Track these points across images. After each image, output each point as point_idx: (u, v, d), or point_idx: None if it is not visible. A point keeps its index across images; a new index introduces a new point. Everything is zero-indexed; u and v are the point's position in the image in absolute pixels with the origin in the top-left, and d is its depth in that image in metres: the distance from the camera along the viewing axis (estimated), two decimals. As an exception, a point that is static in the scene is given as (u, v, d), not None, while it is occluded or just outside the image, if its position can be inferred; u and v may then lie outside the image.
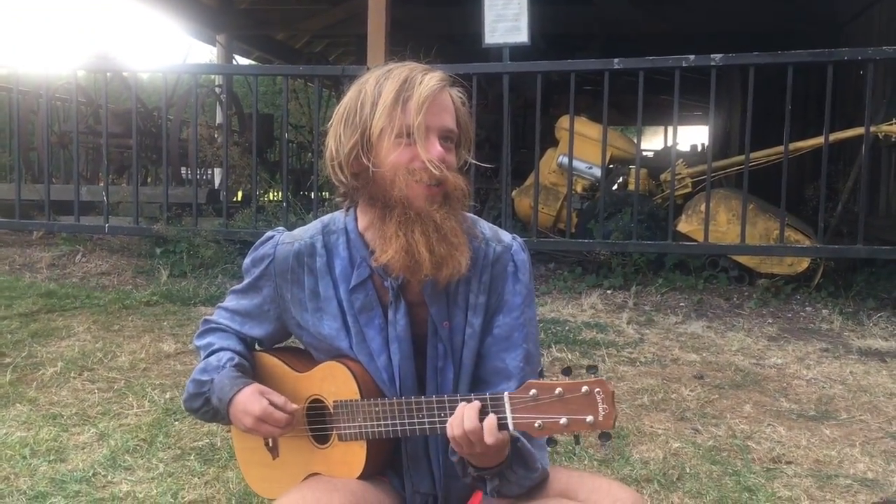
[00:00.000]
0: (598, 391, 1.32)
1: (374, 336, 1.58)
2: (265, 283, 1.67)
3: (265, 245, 1.68)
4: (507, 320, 1.60)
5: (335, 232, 1.62)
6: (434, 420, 1.46)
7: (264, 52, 12.52)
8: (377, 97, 1.47)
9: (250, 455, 1.74)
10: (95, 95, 7.65)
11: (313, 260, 1.62)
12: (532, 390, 1.35)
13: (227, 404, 1.57)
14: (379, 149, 1.48)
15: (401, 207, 1.47)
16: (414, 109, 1.45)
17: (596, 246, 5.20)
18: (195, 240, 5.46)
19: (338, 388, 1.58)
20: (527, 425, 1.35)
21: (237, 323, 1.72)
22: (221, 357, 1.65)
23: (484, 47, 5.60)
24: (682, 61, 4.85)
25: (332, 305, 1.60)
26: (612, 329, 4.37)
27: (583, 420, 1.32)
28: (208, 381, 1.61)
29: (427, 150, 1.46)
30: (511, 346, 1.60)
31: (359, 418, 1.54)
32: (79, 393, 3.32)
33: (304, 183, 8.64)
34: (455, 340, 1.58)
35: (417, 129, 1.45)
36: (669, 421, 3.14)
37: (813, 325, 4.55)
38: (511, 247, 1.63)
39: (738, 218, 5.01)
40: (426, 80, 1.47)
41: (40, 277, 5.22)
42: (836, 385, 3.60)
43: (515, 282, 1.61)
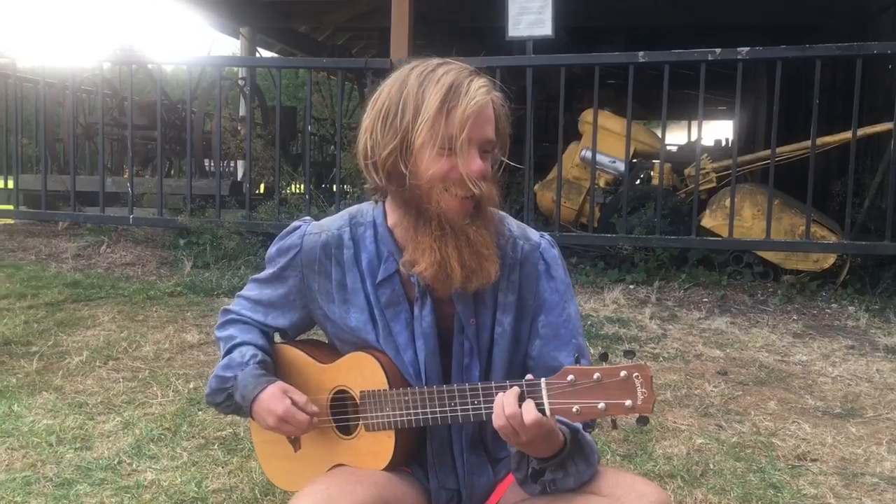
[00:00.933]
0: (636, 375, 1.32)
1: (400, 330, 1.58)
2: (291, 274, 1.66)
3: (292, 235, 1.68)
4: (551, 318, 1.60)
5: (362, 224, 1.62)
6: (467, 408, 1.46)
7: (287, 44, 12.55)
8: (420, 103, 1.43)
9: (271, 448, 1.73)
10: (121, 88, 7.72)
11: (340, 251, 1.62)
12: (570, 376, 1.36)
13: (250, 402, 1.57)
14: (419, 158, 1.45)
15: (437, 221, 1.46)
16: (458, 122, 1.41)
17: (619, 240, 5.17)
18: (218, 231, 5.49)
19: (365, 379, 1.58)
20: (564, 410, 1.36)
21: (260, 313, 1.71)
22: (245, 353, 1.64)
23: (508, 40, 5.58)
24: (708, 55, 4.81)
25: (359, 298, 1.60)
26: (634, 324, 4.34)
27: (621, 404, 1.32)
28: (231, 378, 1.61)
29: (467, 165, 1.43)
30: (561, 344, 1.60)
31: (387, 408, 1.54)
32: (104, 382, 3.35)
33: (327, 176, 8.65)
34: (482, 338, 1.58)
35: (460, 144, 1.42)
36: (693, 417, 3.12)
37: (839, 323, 4.50)
38: (539, 245, 1.62)
39: (763, 213, 4.96)
40: (472, 90, 1.43)
41: (66, 267, 5.27)
42: (862, 383, 3.56)
43: (549, 279, 1.61)
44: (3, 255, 5.55)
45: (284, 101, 10.24)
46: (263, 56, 11.45)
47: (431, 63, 1.48)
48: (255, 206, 6.00)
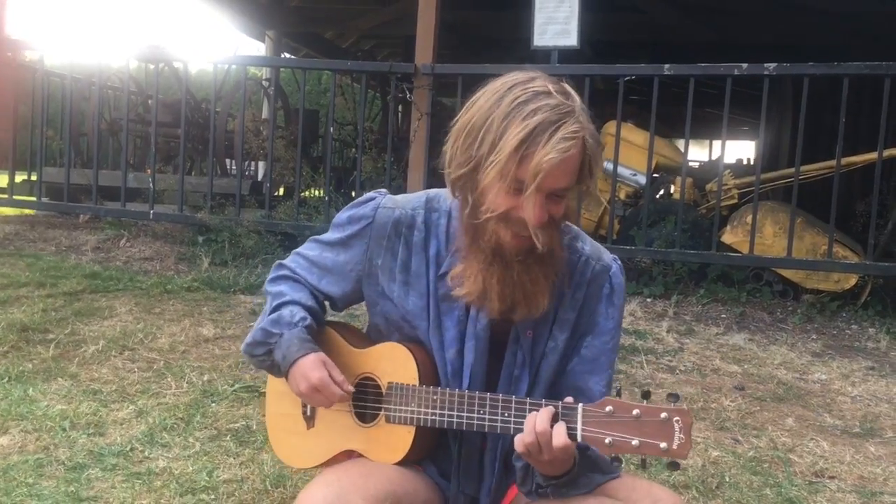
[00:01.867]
0: (677, 420, 1.30)
1: (449, 327, 1.56)
2: (357, 243, 1.63)
3: (366, 205, 1.64)
4: (597, 343, 1.58)
5: (437, 211, 1.60)
6: (496, 419, 1.45)
7: (312, 49, 12.62)
8: (500, 136, 1.37)
9: (283, 421, 1.72)
10: (146, 85, 7.78)
11: (411, 233, 1.59)
12: (608, 406, 1.34)
13: (289, 363, 1.55)
14: (484, 192, 1.42)
15: (488, 252, 1.44)
16: (531, 171, 1.35)
17: (638, 253, 5.13)
18: (237, 230, 5.51)
19: (395, 370, 1.56)
20: (597, 440, 1.34)
21: (314, 276, 1.67)
22: (295, 314, 1.60)
23: (533, 49, 5.58)
24: (735, 69, 4.78)
25: (421, 283, 1.58)
26: (651, 336, 4.31)
27: (656, 445, 1.30)
28: (277, 335, 1.59)
29: (531, 213, 1.38)
30: (596, 370, 1.58)
31: (413, 403, 1.52)
32: (119, 371, 3.36)
33: (346, 179, 8.67)
34: (536, 351, 1.56)
35: (527, 189, 1.37)
36: (709, 430, 3.09)
37: (859, 343, 4.44)
38: (610, 268, 1.60)
39: (784, 231, 4.92)
40: (552, 142, 1.35)
41: (85, 259, 5.30)
42: (881, 403, 3.51)
43: (609, 305, 1.59)
44: (24, 245, 5.59)
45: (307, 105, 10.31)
46: (288, 57, 11.52)
47: (531, 88, 1.40)
48: (274, 206, 6.02)
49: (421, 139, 5.50)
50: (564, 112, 1.38)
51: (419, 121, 5.49)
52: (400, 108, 9.19)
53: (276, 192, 7.39)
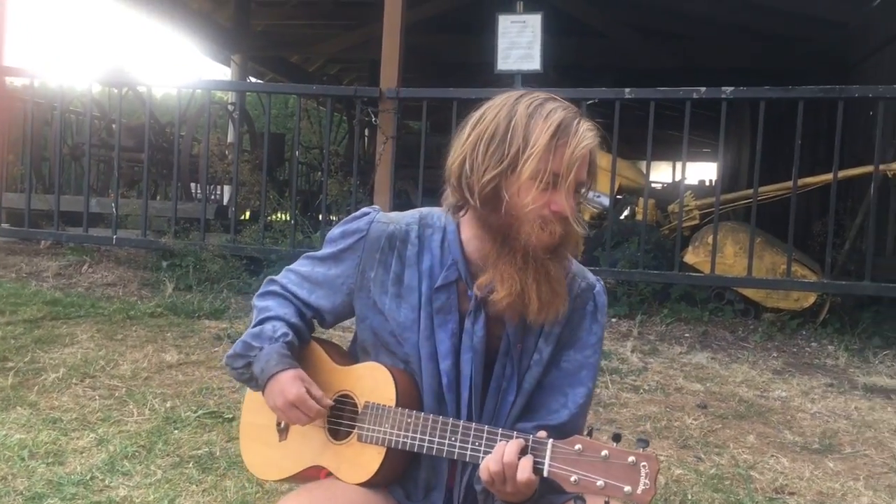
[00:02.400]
0: (644, 465, 1.32)
1: (444, 339, 1.56)
2: (349, 257, 1.65)
3: (360, 220, 1.67)
4: (579, 357, 1.60)
5: (431, 227, 1.62)
6: (466, 447, 1.45)
7: (278, 73, 12.64)
8: (530, 133, 1.43)
9: (256, 431, 1.71)
10: (109, 109, 7.72)
11: (405, 247, 1.61)
12: (578, 445, 1.36)
13: (267, 378, 1.56)
14: (522, 188, 1.44)
15: (522, 252, 1.46)
16: (567, 162, 1.43)
17: (602, 274, 5.16)
18: (202, 254, 5.47)
19: (374, 390, 1.57)
20: (562, 477, 1.35)
21: (305, 290, 1.68)
22: (277, 329, 1.62)
23: (496, 73, 5.65)
24: (693, 93, 4.88)
25: (413, 296, 1.59)
26: (615, 356, 4.35)
27: (620, 488, 1.31)
28: (257, 348, 1.60)
29: (565, 204, 1.44)
30: (576, 383, 1.59)
31: (386, 424, 1.53)
32: (80, 399, 3.32)
33: (313, 203, 8.66)
34: (522, 364, 1.58)
35: (563, 180, 1.43)
36: (672, 448, 3.12)
37: (818, 361, 4.52)
38: (594, 286, 1.64)
39: (745, 251, 5.00)
40: (581, 131, 1.45)
41: (46, 286, 5.23)
42: (840, 420, 3.57)
43: (593, 322, 1.62)
44: (-18, 271, 5.50)
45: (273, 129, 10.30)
46: (253, 81, 11.51)
47: (539, 96, 1.49)
48: (239, 230, 5.99)
49: (386, 162, 5.53)
50: (577, 112, 1.50)
51: (385, 144, 5.52)
52: (366, 131, 9.22)
53: (241, 217, 7.36)
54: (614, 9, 9.35)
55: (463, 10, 9.53)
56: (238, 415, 3.14)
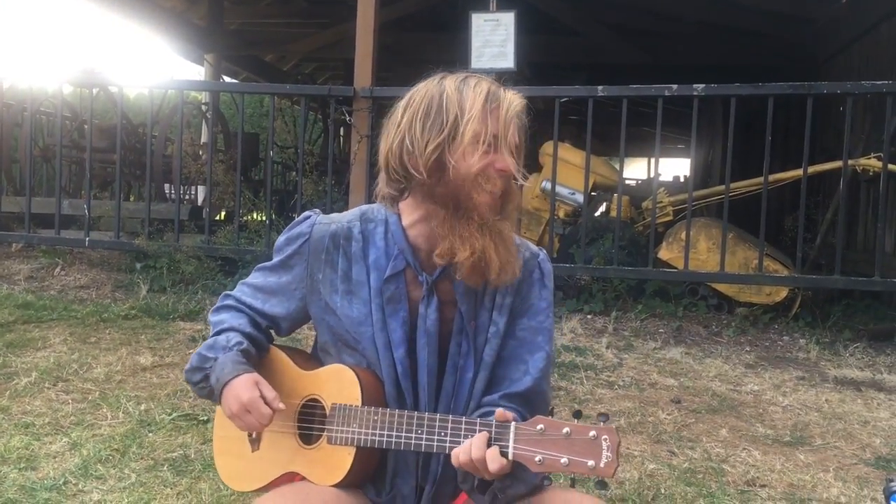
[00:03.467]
0: (605, 438, 1.33)
1: (396, 328, 1.59)
2: (297, 262, 1.67)
3: (302, 224, 1.69)
4: (532, 324, 1.64)
5: (373, 221, 1.65)
6: (432, 439, 1.47)
7: (252, 73, 12.56)
8: (464, 101, 1.51)
9: (229, 444, 1.71)
10: (81, 110, 7.65)
11: (349, 244, 1.64)
12: (540, 425, 1.37)
13: (222, 386, 1.56)
14: (466, 152, 1.51)
15: (476, 213, 1.52)
16: (502, 121, 1.51)
17: (577, 271, 5.22)
18: (176, 255, 5.43)
19: (340, 391, 1.57)
20: (527, 458, 1.37)
21: (259, 300, 1.70)
22: (231, 338, 1.63)
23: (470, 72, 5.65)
24: (665, 90, 4.91)
25: (363, 291, 1.61)
26: (591, 353, 4.38)
27: (584, 463, 1.33)
28: (212, 359, 1.61)
29: (510, 160, 1.53)
30: (535, 348, 1.64)
31: (354, 424, 1.53)
32: (52, 403, 3.29)
33: (288, 203, 8.62)
34: (478, 340, 1.61)
35: (501, 140, 1.51)
36: (646, 443, 3.15)
37: (790, 354, 4.58)
38: (538, 255, 1.70)
39: (717, 246, 5.06)
40: (510, 95, 1.54)
41: (18, 289, 5.17)
42: (811, 412, 3.62)
43: (542, 288, 1.67)
44: (-48, 275, 5.43)
45: (248, 129, 10.23)
46: (227, 81, 11.43)
47: (460, 74, 1.56)
48: (214, 231, 5.96)
49: (361, 161, 5.52)
50: (499, 83, 1.57)
51: (359, 143, 5.51)
52: (341, 130, 9.20)
53: (216, 217, 7.31)
54: (587, 6, 9.39)
55: (437, 9, 9.52)
56: (212, 416, 3.12)
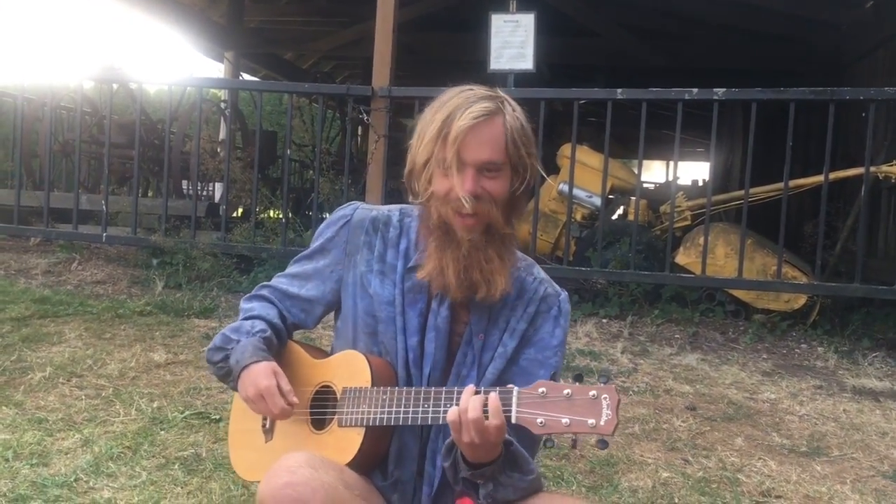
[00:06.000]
0: (605, 397, 1.35)
1: (412, 317, 1.63)
2: (335, 246, 1.73)
3: (344, 208, 1.77)
4: (538, 357, 1.66)
5: (410, 216, 1.72)
6: (438, 410, 1.49)
7: (271, 70, 12.59)
8: (426, 128, 1.57)
9: (243, 437, 1.76)
10: (100, 106, 7.68)
11: (387, 229, 1.70)
12: (541, 388, 1.40)
13: (241, 368, 1.61)
14: (422, 178, 1.58)
15: (439, 232, 1.57)
16: (449, 144, 1.52)
17: (593, 274, 5.19)
18: (192, 252, 5.45)
19: (351, 375, 1.61)
20: (530, 421, 1.39)
21: (296, 286, 1.75)
22: (255, 325, 1.69)
23: (489, 73, 5.63)
24: (685, 94, 4.87)
25: (394, 273, 1.67)
26: (605, 357, 4.35)
27: (584, 422, 1.35)
28: (234, 341, 1.67)
29: (461, 184, 1.52)
30: (532, 381, 1.60)
31: (364, 405, 1.56)
32: (66, 399, 3.30)
33: (305, 201, 8.64)
34: (485, 356, 1.64)
35: (453, 164, 1.52)
36: (660, 451, 3.12)
37: (808, 363, 4.53)
38: (560, 294, 1.73)
39: (736, 252, 5.00)
40: (465, 115, 1.52)
41: (35, 283, 5.20)
42: (828, 422, 3.57)
43: (556, 326, 1.69)
44: (-29, 268, 5.47)
45: (266, 126, 10.25)
46: (246, 79, 11.46)
47: (460, 89, 1.59)
48: (230, 228, 5.97)
49: (378, 161, 5.51)
50: (480, 97, 1.56)
51: (377, 143, 5.50)
52: (359, 129, 9.20)
53: (233, 214, 7.33)
54: (607, 8, 9.34)
55: (456, 9, 9.49)
56: (224, 415, 3.13)
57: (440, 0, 9.51)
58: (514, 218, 1.64)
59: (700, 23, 9.31)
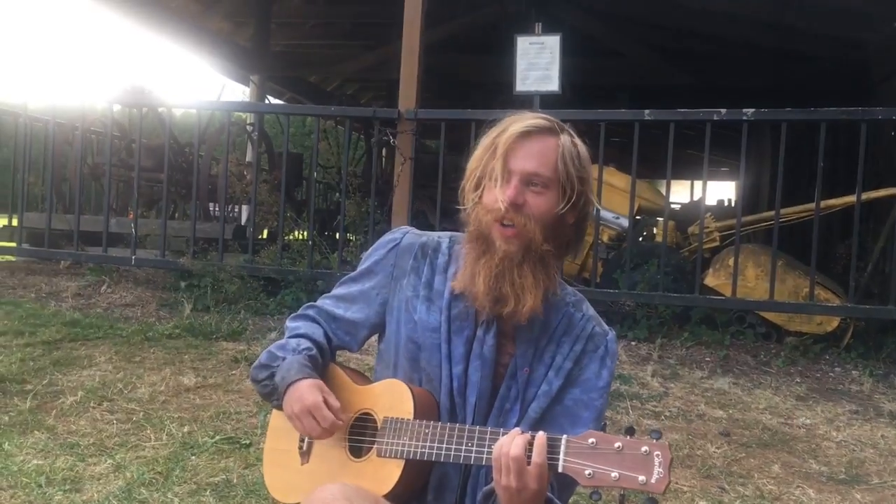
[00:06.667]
0: (657, 454, 1.32)
1: (458, 345, 1.62)
2: (382, 269, 1.73)
3: (395, 232, 1.78)
4: (583, 398, 1.63)
5: (460, 243, 1.69)
6: (482, 451, 1.46)
7: (296, 93, 12.70)
8: (482, 144, 1.59)
9: (279, 457, 1.74)
10: (130, 129, 7.77)
11: (436, 255, 1.70)
12: (591, 439, 1.36)
13: (286, 385, 1.61)
14: (477, 190, 1.58)
15: (477, 241, 1.57)
16: (498, 152, 1.54)
17: (621, 296, 5.14)
18: (220, 275, 5.47)
19: (392, 405, 1.59)
20: (577, 471, 1.36)
21: (342, 308, 1.75)
22: (301, 343, 1.69)
23: (515, 94, 5.64)
24: (714, 115, 4.84)
25: (442, 300, 1.65)
26: (636, 381, 4.30)
27: (635, 479, 1.31)
28: (280, 358, 1.67)
29: (503, 192, 1.53)
30: (577, 422, 1.61)
31: (405, 437, 1.54)
32: (97, 423, 3.31)
33: (330, 223, 8.66)
34: (529, 391, 1.62)
35: (498, 171, 1.54)
36: (695, 478, 3.07)
37: (842, 387, 4.45)
38: (608, 334, 1.70)
39: (766, 274, 4.94)
40: (514, 125, 1.55)
41: (65, 306, 5.24)
42: (866, 448, 3.50)
43: (602, 366, 1.66)
44: (3, 291, 5.53)
45: (291, 148, 10.30)
46: (272, 103, 11.56)
47: (521, 112, 1.63)
48: (257, 250, 5.99)
49: (405, 183, 5.52)
50: (538, 117, 1.59)
51: (403, 165, 5.51)
52: (384, 150, 9.23)
53: (259, 236, 7.36)
54: (632, 28, 9.33)
55: (481, 31, 9.54)
56: (255, 441, 3.12)
57: (465, 22, 9.56)
58: (558, 242, 1.60)
59: (724, 42, 9.27)
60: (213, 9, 10.51)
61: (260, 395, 1.75)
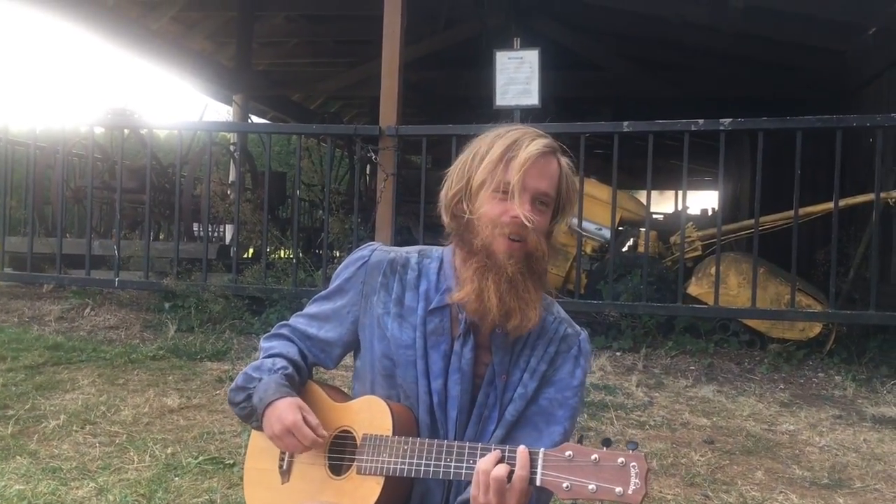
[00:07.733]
0: (633, 465, 1.33)
1: (436, 359, 1.63)
2: (352, 286, 1.73)
3: (363, 249, 1.77)
4: (558, 396, 1.65)
5: (430, 257, 1.71)
6: (461, 466, 1.47)
7: (279, 111, 12.72)
8: (486, 153, 1.58)
9: (259, 476, 1.74)
10: (112, 151, 7.76)
11: (405, 271, 1.70)
12: (568, 452, 1.37)
13: (265, 406, 1.62)
14: (477, 199, 1.58)
15: (481, 255, 1.56)
16: (515, 168, 1.54)
17: (605, 307, 5.16)
18: (204, 295, 5.46)
19: (371, 422, 1.59)
20: (555, 484, 1.36)
21: (315, 327, 1.76)
22: (276, 362, 1.70)
23: (494, 109, 5.67)
24: (692, 125, 4.89)
25: (414, 317, 1.66)
26: (620, 391, 4.31)
27: (611, 490, 1.32)
28: (256, 379, 1.67)
29: (520, 207, 1.54)
30: (552, 420, 1.64)
31: (384, 454, 1.55)
32: (80, 447, 3.28)
33: (315, 241, 8.67)
34: (506, 396, 1.63)
35: (514, 187, 1.54)
36: (679, 486, 3.07)
37: (825, 392, 4.48)
38: (580, 334, 1.72)
39: (748, 281, 4.98)
40: (531, 145, 1.56)
41: (48, 330, 5.21)
42: (849, 453, 3.52)
43: (576, 366, 1.68)
44: (-15, 316, 5.49)
45: (275, 166, 10.32)
46: (254, 122, 11.58)
47: (510, 126, 1.64)
48: (242, 269, 5.98)
49: (387, 199, 5.54)
50: (539, 135, 1.61)
51: (385, 181, 5.53)
52: (367, 167, 9.26)
53: (244, 256, 7.35)
54: (611, 41, 9.42)
55: (461, 46, 9.60)
56: (238, 460, 3.11)
57: (444, 39, 9.62)
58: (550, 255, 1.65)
59: (703, 53, 9.37)
60: (195, 29, 10.54)
61: (239, 418, 1.75)
